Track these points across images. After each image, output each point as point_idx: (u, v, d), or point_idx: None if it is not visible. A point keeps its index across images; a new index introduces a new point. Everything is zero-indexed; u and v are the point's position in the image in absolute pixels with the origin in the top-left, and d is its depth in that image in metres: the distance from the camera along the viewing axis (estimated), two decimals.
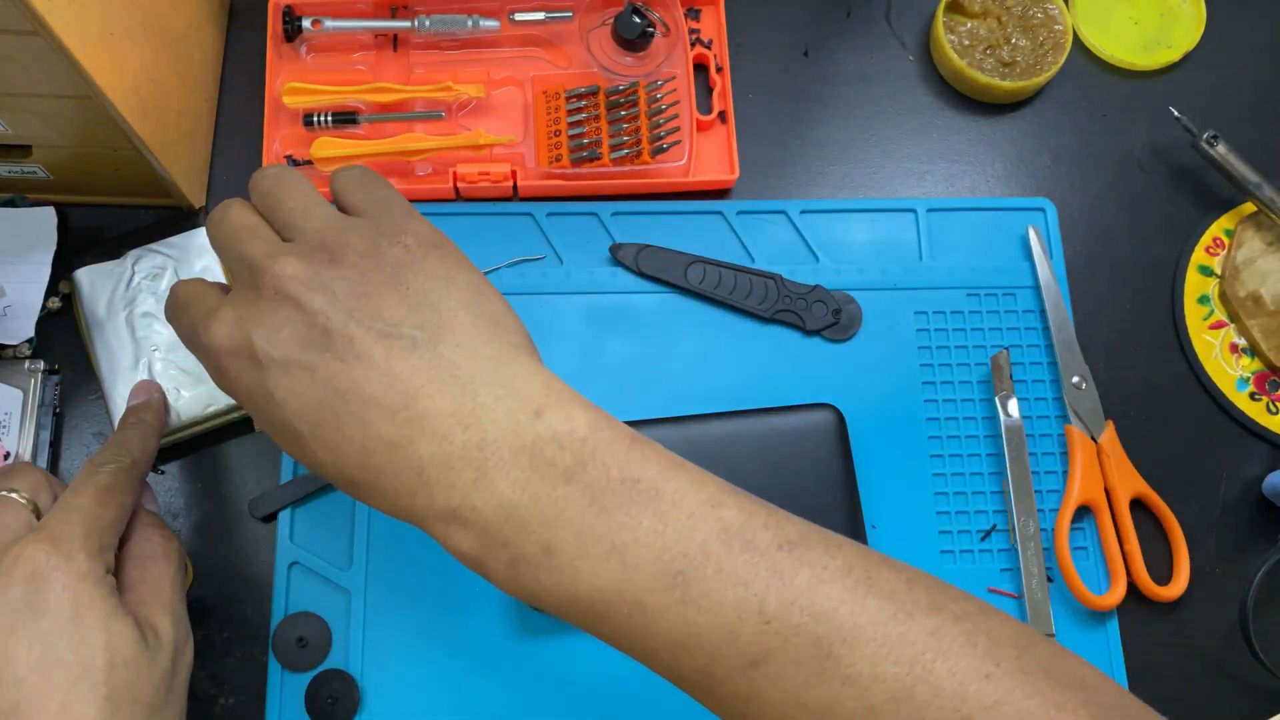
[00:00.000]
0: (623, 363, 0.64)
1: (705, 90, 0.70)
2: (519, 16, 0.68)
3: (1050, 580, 0.61)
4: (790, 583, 0.37)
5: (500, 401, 0.39)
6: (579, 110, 0.67)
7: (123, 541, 0.50)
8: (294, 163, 0.65)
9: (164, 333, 0.61)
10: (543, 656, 0.59)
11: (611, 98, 0.67)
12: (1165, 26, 0.74)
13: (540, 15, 0.68)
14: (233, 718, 0.58)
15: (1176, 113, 0.69)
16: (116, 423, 0.59)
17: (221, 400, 0.60)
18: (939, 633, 0.36)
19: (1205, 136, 0.68)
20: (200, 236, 0.63)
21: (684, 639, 0.37)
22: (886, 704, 0.36)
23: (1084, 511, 0.63)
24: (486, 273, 0.66)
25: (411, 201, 0.67)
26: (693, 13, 0.71)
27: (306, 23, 0.67)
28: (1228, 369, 0.67)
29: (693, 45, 0.70)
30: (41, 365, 0.61)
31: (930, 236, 0.68)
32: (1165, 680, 0.61)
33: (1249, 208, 0.69)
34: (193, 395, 0.60)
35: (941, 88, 0.72)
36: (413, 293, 0.41)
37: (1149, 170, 0.71)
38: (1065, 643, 0.60)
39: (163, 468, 0.62)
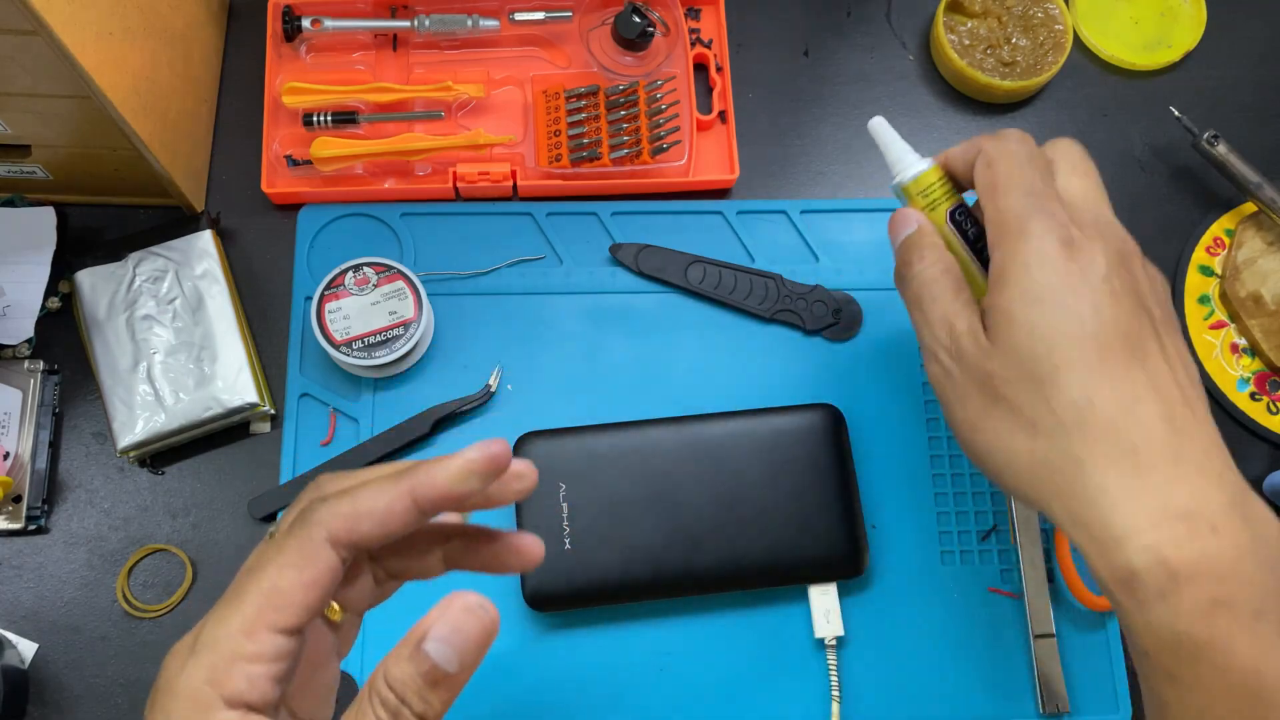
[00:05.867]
0: (623, 363, 0.64)
1: (705, 90, 0.70)
2: (519, 16, 0.68)
3: (1051, 581, 0.61)
4: None
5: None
6: (579, 110, 0.67)
7: None
8: (294, 163, 0.65)
9: (164, 335, 0.61)
10: (547, 656, 0.59)
11: (611, 97, 0.67)
12: (1165, 26, 0.74)
13: (540, 15, 0.68)
14: None
15: (1177, 112, 0.69)
16: (116, 424, 0.59)
17: (220, 404, 0.60)
18: None
19: (1206, 136, 0.68)
20: (201, 240, 0.63)
21: None
22: None
23: None
24: (486, 272, 0.66)
25: (411, 201, 0.67)
26: (693, 12, 0.71)
27: (306, 22, 0.67)
28: (1228, 369, 0.67)
29: (693, 45, 0.70)
30: (41, 365, 0.61)
31: None
32: None
33: (1249, 207, 0.69)
34: (192, 399, 0.60)
35: (942, 87, 0.72)
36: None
37: (1149, 170, 0.71)
38: (1065, 644, 0.60)
39: (163, 469, 0.62)
